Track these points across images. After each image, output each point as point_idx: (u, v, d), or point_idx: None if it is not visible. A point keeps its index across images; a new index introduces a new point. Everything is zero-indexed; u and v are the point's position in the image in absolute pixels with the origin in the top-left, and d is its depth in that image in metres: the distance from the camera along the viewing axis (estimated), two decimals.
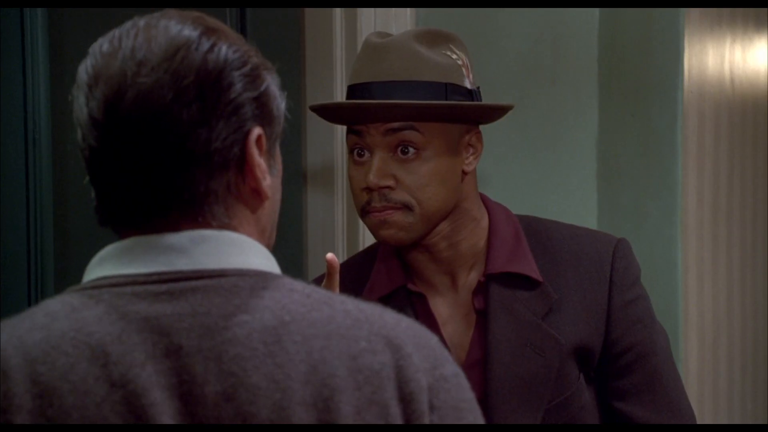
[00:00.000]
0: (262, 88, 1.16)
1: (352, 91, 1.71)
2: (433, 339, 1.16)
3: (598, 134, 2.53)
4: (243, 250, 1.14)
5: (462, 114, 1.70)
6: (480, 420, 1.15)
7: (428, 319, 1.75)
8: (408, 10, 2.51)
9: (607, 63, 2.54)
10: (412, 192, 1.67)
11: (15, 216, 1.94)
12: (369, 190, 1.68)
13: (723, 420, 3.19)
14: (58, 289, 1.16)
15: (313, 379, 1.08)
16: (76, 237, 2.02)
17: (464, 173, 1.73)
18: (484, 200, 1.80)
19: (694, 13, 2.72)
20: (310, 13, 2.54)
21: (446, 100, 1.67)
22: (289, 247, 2.51)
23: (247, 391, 1.07)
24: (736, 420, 3.35)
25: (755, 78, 3.50)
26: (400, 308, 1.73)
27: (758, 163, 3.58)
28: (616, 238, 1.79)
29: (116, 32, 1.15)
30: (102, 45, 1.15)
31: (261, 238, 1.18)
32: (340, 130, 2.48)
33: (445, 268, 1.76)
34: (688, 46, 2.63)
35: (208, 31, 1.15)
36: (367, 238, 2.46)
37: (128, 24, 1.16)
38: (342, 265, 1.85)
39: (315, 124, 2.51)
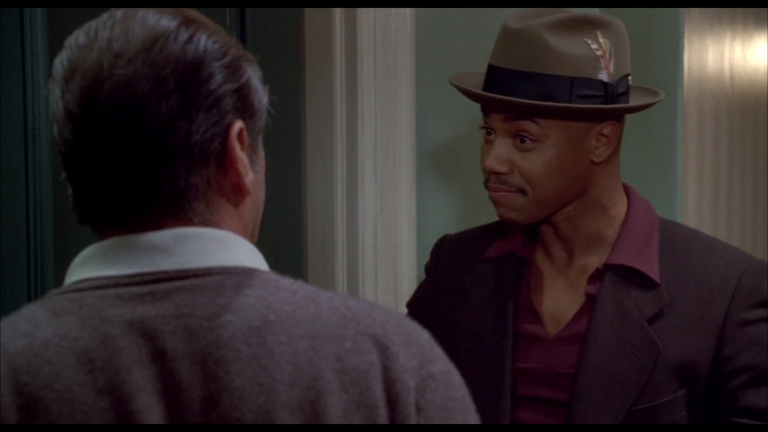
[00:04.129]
0: (243, 79, 1.13)
1: (488, 71, 1.72)
2: (423, 335, 1.14)
3: None
4: (228, 247, 1.11)
5: (575, 114, 1.68)
6: (471, 417, 1.12)
7: (526, 288, 1.79)
8: (408, 10, 2.51)
9: None
10: (527, 178, 1.69)
11: (15, 213, 1.95)
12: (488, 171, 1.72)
13: None
14: (58, 286, 1.14)
15: (299, 381, 1.06)
16: (75, 234, 2.03)
17: (594, 163, 1.71)
18: (629, 192, 1.79)
19: (694, 10, 2.72)
20: (310, 13, 2.55)
21: (570, 95, 1.66)
22: (288, 242, 2.51)
23: (231, 395, 1.05)
24: None
25: (755, 75, 3.51)
26: (506, 271, 1.80)
27: (758, 159, 3.58)
28: (753, 257, 1.75)
29: (92, 24, 1.12)
30: (78, 37, 1.12)
31: (244, 234, 1.15)
32: (340, 129, 2.48)
33: (566, 245, 1.77)
34: (688, 43, 2.63)
35: (186, 22, 1.11)
36: (366, 230, 2.47)
37: (104, 15, 1.13)
38: (485, 225, 1.92)
39: (315, 122, 2.51)
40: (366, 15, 2.47)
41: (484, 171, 1.72)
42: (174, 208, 1.10)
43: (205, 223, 1.11)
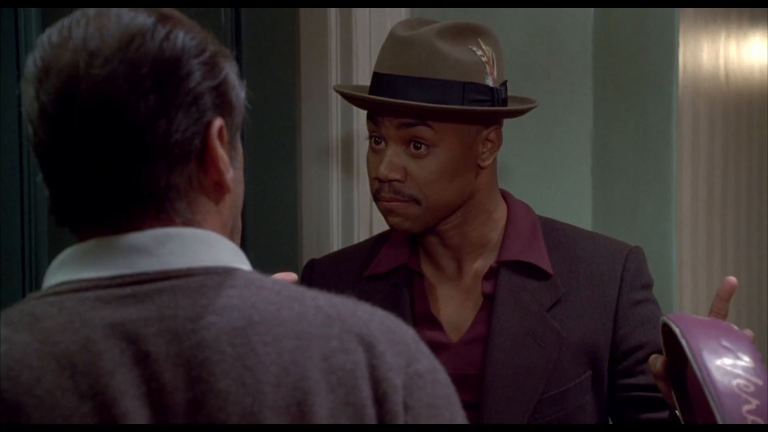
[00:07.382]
0: (221, 76, 1.11)
1: (374, 79, 1.73)
2: (408, 333, 1.13)
3: (593, 129, 2.54)
4: (210, 247, 1.09)
5: (472, 116, 1.71)
6: (458, 415, 1.11)
7: (422, 297, 1.79)
8: (403, 9, 2.52)
9: (602, 58, 2.55)
10: (420, 186, 1.70)
11: (9, 213, 1.95)
12: (380, 180, 1.71)
13: None
14: None
15: (285, 381, 1.04)
16: (71, 233, 2.03)
17: (480, 167, 1.75)
18: (505, 195, 1.83)
19: (688, 9, 2.73)
20: (305, 13, 2.55)
21: (462, 99, 1.68)
22: (284, 242, 2.52)
23: (216, 397, 1.03)
24: None
25: (749, 73, 3.51)
26: (398, 284, 1.79)
27: (753, 157, 3.59)
28: (632, 245, 1.82)
29: (65, 21, 1.09)
30: (50, 35, 1.08)
31: (224, 232, 1.13)
32: (336, 130, 2.49)
33: (453, 253, 1.78)
34: (683, 41, 2.64)
35: (162, 19, 1.09)
36: (361, 229, 2.47)
37: (77, 13, 1.10)
38: (356, 245, 1.94)
39: (311, 121, 2.52)
40: (361, 14, 2.47)
41: (375, 180, 1.71)
42: (155, 208, 1.08)
43: (187, 223, 1.09)
